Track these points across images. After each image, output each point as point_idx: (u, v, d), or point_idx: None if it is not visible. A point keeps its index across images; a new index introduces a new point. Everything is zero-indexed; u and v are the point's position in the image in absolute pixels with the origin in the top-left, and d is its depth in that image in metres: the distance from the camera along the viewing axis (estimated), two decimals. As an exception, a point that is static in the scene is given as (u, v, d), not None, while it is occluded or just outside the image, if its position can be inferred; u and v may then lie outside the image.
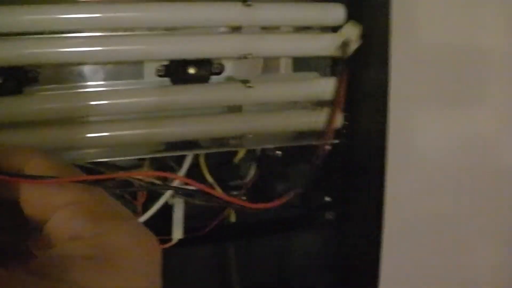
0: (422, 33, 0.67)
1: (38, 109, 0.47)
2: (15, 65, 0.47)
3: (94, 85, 0.50)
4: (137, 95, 0.49)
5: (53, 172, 0.25)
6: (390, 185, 0.54)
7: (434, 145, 0.72)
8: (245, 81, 0.50)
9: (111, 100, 0.48)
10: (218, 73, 0.52)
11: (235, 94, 0.50)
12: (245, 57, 0.50)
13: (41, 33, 0.47)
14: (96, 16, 0.46)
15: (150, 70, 0.51)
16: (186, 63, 0.51)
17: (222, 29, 0.52)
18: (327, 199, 0.57)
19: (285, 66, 0.56)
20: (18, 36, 0.46)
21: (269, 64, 0.55)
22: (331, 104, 0.54)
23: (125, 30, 0.48)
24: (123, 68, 0.51)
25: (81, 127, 0.48)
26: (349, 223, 0.58)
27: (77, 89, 0.50)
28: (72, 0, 0.46)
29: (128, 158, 0.51)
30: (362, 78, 0.54)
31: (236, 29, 0.51)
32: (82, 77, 0.50)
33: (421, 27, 0.67)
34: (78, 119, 0.49)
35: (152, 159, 0.52)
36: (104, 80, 0.51)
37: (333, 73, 0.55)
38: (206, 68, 0.51)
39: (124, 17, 0.46)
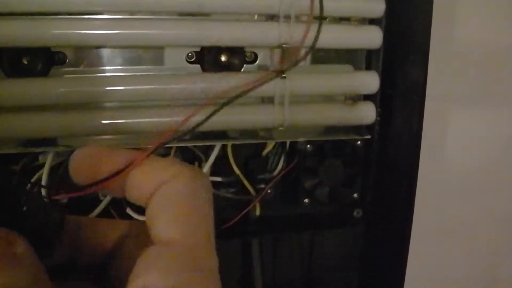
0: (463, 29, 0.65)
1: (64, 92, 0.46)
2: (41, 46, 0.45)
3: (122, 69, 0.49)
4: (166, 82, 0.47)
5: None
6: (421, 184, 0.53)
7: (469, 145, 0.71)
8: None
9: (139, 86, 0.47)
10: (251, 62, 0.51)
11: (268, 85, 0.48)
12: (280, 46, 0.48)
13: (68, 14, 0.46)
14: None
15: (180, 56, 0.49)
16: (218, 50, 0.49)
17: (256, 17, 0.50)
18: (355, 196, 0.55)
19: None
20: (40, 16, 0.44)
21: (287, 54, 0.53)
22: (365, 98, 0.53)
23: (161, 13, 0.47)
24: (152, 53, 0.49)
25: (107, 112, 0.46)
26: (377, 221, 0.56)
27: (104, 72, 0.48)
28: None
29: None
30: (398, 73, 0.52)
31: (270, 17, 0.49)
32: (111, 61, 0.48)
33: (462, 24, 0.65)
34: (104, 103, 0.47)
35: (178, 148, 0.50)
36: (130, 64, 0.49)
37: (368, 67, 0.53)
38: (239, 57, 0.49)
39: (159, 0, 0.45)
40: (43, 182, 0.47)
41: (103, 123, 0.46)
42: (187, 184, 0.23)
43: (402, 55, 0.52)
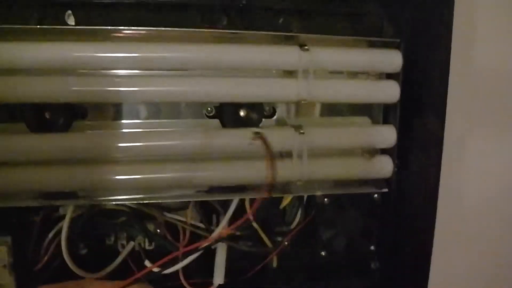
0: (479, 81, 0.65)
1: (85, 147, 0.46)
2: (62, 102, 0.46)
3: (142, 122, 0.50)
4: (185, 138, 0.48)
5: None
6: (439, 237, 0.52)
7: (488, 192, 0.69)
8: (297, 127, 0.49)
9: (157, 142, 0.47)
10: (269, 116, 0.51)
11: (287, 140, 0.49)
12: (299, 102, 0.49)
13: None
14: (153, 56, 0.45)
15: (200, 110, 0.50)
16: (237, 105, 0.49)
17: (274, 72, 0.51)
18: (372, 248, 0.55)
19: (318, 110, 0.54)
20: (61, 73, 0.45)
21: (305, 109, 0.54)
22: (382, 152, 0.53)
23: (180, 71, 0.47)
24: (171, 107, 0.50)
25: (127, 167, 0.47)
26: (394, 273, 0.56)
27: (124, 126, 0.49)
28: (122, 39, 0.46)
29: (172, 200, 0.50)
30: (415, 125, 0.52)
31: (289, 72, 0.50)
32: (130, 114, 0.49)
33: (479, 75, 0.64)
34: (124, 158, 0.48)
35: (196, 202, 0.51)
36: (150, 118, 0.50)
37: (385, 120, 0.53)
38: (258, 111, 0.50)
39: (180, 57, 0.46)
40: (64, 234, 0.48)
41: (122, 178, 0.46)
42: None
43: (418, 107, 0.52)
